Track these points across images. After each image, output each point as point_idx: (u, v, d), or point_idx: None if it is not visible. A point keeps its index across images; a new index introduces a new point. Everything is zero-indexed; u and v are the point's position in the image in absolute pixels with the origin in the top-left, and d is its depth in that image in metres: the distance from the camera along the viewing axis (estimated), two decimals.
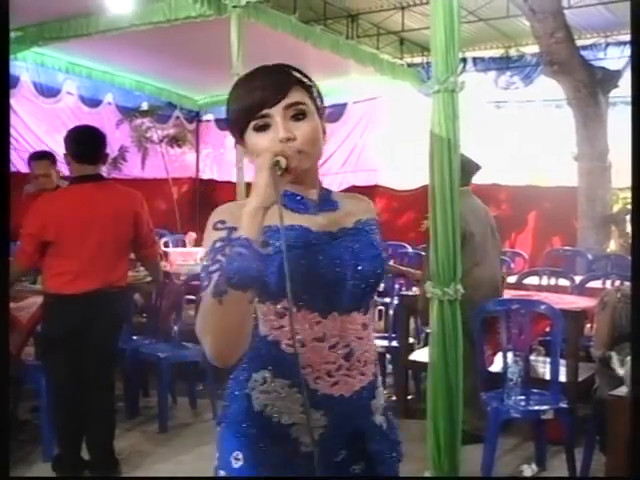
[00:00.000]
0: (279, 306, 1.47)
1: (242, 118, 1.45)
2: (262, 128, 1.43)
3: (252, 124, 1.43)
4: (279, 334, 1.48)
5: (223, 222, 1.37)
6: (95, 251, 3.53)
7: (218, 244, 1.31)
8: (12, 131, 8.86)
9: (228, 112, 1.49)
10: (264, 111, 1.42)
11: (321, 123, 1.51)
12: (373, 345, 1.56)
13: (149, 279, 4.45)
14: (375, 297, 1.61)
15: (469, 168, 4.34)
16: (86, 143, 3.65)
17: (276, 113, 1.42)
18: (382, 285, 5.78)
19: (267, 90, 1.42)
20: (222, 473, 1.52)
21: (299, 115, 1.43)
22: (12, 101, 8.70)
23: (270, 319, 1.49)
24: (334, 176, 10.09)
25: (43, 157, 4.82)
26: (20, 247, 3.65)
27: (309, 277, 1.43)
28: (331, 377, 1.47)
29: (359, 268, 1.48)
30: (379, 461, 1.54)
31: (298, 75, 1.48)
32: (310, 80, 1.51)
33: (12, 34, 7.25)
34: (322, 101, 1.54)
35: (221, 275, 1.28)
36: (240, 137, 1.48)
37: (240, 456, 1.49)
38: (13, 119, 8.89)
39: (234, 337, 1.34)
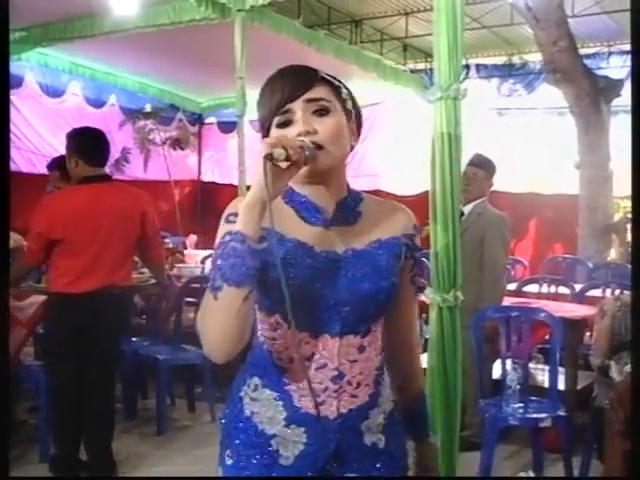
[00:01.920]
0: (272, 319, 1.44)
1: (267, 115, 1.43)
2: (284, 124, 1.41)
3: (275, 121, 1.42)
4: (272, 345, 1.46)
5: (236, 215, 1.35)
6: (101, 250, 3.54)
7: (227, 237, 1.31)
8: (16, 130, 8.87)
9: (257, 111, 1.48)
10: (286, 106, 1.40)
11: (349, 125, 1.47)
12: (372, 366, 1.49)
13: (153, 281, 4.45)
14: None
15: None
16: (97, 145, 3.68)
17: (297, 107, 1.40)
18: None
19: (289, 85, 1.41)
20: (219, 469, 1.53)
21: (322, 111, 1.41)
22: (16, 100, 8.71)
23: (265, 328, 1.47)
24: None
25: (52, 168, 4.74)
26: (27, 245, 3.66)
27: (301, 297, 1.38)
28: (316, 397, 1.43)
29: (357, 294, 1.42)
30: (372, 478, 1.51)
31: (325, 75, 1.47)
32: (339, 82, 1.49)
33: (16, 34, 7.26)
34: (355, 104, 1.52)
35: (218, 270, 1.29)
36: (266, 135, 1.45)
37: (231, 454, 1.50)
38: (17, 118, 8.89)
39: (228, 334, 1.33)
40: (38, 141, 9.16)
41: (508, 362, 3.70)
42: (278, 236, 1.37)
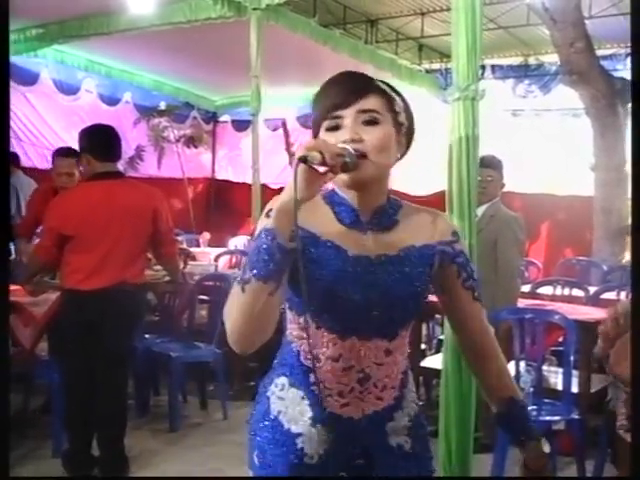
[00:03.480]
0: (301, 318, 1.47)
1: (318, 118, 1.47)
2: (333, 129, 1.44)
3: (325, 124, 1.45)
4: (299, 345, 1.49)
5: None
6: (112, 247, 3.55)
7: (261, 233, 1.34)
8: (31, 127, 8.92)
9: (312, 111, 1.51)
10: (337, 112, 1.43)
11: (398, 137, 1.48)
12: (398, 369, 1.52)
13: (168, 278, 4.45)
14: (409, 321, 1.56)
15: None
16: (107, 141, 3.69)
17: (348, 115, 1.43)
18: None
19: (343, 92, 1.44)
20: (249, 471, 1.55)
21: (371, 121, 1.43)
22: (32, 97, 8.76)
23: (294, 327, 1.50)
24: None
25: (70, 154, 4.71)
26: (40, 241, 3.68)
27: (331, 298, 1.42)
28: (342, 398, 1.47)
29: (387, 300, 1.44)
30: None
31: (382, 85, 1.49)
32: (396, 93, 1.51)
33: (33, 31, 7.31)
34: (409, 117, 1.53)
35: (249, 263, 1.32)
36: (316, 136, 1.48)
37: (258, 455, 1.52)
38: (32, 115, 8.94)
39: (252, 326, 1.35)
40: (53, 138, 9.20)
41: (522, 364, 3.69)
42: (313, 237, 1.42)
